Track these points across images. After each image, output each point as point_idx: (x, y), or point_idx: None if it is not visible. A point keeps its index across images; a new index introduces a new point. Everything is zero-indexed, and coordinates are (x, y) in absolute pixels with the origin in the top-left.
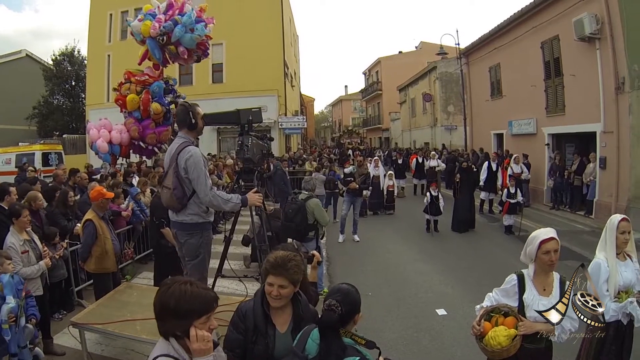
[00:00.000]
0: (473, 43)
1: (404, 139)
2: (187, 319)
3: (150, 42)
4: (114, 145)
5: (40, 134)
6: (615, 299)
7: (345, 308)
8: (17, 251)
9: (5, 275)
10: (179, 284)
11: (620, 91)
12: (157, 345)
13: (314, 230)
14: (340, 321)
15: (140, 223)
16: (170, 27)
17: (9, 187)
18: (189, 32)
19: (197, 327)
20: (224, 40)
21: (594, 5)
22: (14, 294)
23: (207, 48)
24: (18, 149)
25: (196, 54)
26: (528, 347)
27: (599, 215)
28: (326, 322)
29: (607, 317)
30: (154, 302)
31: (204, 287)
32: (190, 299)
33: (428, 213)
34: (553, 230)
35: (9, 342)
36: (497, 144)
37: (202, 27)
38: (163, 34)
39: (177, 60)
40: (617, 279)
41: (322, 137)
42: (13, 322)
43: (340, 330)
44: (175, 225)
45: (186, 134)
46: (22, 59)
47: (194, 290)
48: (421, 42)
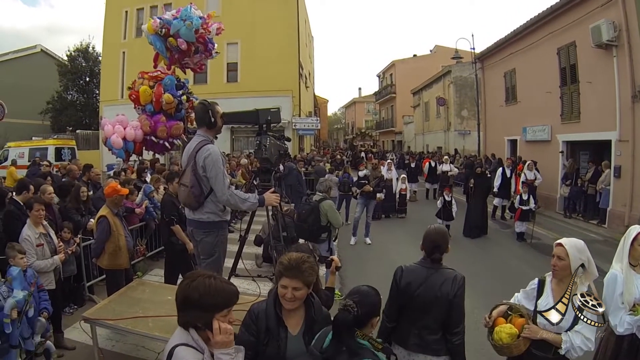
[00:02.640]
0: (488, 48)
1: (417, 143)
2: (210, 312)
3: (154, 38)
4: (128, 142)
5: (54, 129)
6: (630, 312)
7: (362, 310)
8: (32, 244)
9: (16, 269)
10: (204, 278)
11: (636, 99)
12: (174, 334)
13: (326, 231)
14: (355, 322)
15: (153, 220)
16: (169, 20)
17: (29, 184)
18: (186, 26)
19: (219, 319)
20: (239, 40)
21: (612, 12)
22: (23, 287)
23: (207, 41)
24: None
25: (195, 47)
26: (536, 354)
27: (612, 224)
28: (339, 322)
29: (622, 329)
30: (176, 294)
31: (226, 282)
32: (215, 292)
33: (440, 218)
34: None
35: (10, 335)
36: (510, 150)
37: (197, 19)
38: (162, 26)
39: (182, 57)
40: (633, 292)
41: (335, 139)
42: (17, 316)
43: (358, 332)
44: (192, 223)
45: (205, 132)
46: (37, 54)
47: (217, 285)
48: (436, 46)
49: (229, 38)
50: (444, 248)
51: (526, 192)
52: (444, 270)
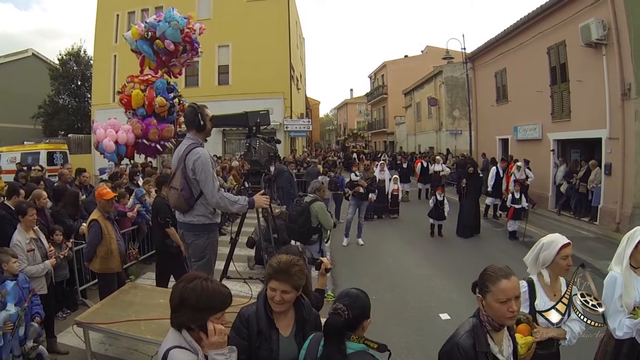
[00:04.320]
0: (479, 48)
1: (409, 143)
2: (205, 313)
3: (140, 42)
4: (120, 146)
5: (46, 133)
6: (629, 315)
7: (353, 313)
8: (23, 249)
9: (10, 283)
10: (200, 280)
11: (626, 97)
12: (167, 337)
13: (317, 233)
14: (346, 326)
15: (146, 223)
16: (153, 24)
17: (19, 188)
18: (172, 26)
19: (213, 321)
20: (230, 42)
21: (601, 11)
22: (17, 302)
23: (193, 40)
24: (23, 148)
25: (182, 46)
26: (540, 353)
27: (603, 221)
28: (331, 326)
29: (621, 333)
30: (172, 295)
31: (221, 285)
32: (212, 295)
33: (432, 217)
34: (563, 236)
35: (2, 348)
36: (502, 149)
37: (182, 18)
38: (147, 30)
39: (170, 58)
40: (633, 294)
41: (327, 140)
42: (10, 329)
43: (353, 336)
44: (182, 226)
45: (194, 135)
46: (29, 58)
47: (214, 287)
48: (427, 46)
49: (220, 40)
50: None
51: (518, 191)
52: None
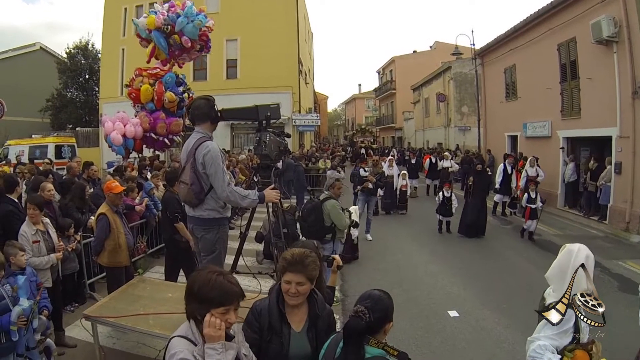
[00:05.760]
0: (488, 44)
1: (417, 139)
2: (205, 305)
3: (156, 33)
4: (128, 139)
5: (54, 126)
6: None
7: (375, 315)
8: (28, 240)
9: (22, 277)
10: (208, 272)
11: (637, 96)
12: (181, 326)
13: (331, 232)
14: (367, 329)
15: (154, 217)
16: (173, 17)
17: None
18: (191, 22)
19: (214, 315)
20: (239, 36)
21: (612, 8)
22: (29, 296)
23: (208, 39)
24: (31, 141)
25: (199, 45)
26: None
27: (613, 220)
28: (351, 328)
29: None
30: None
31: (231, 282)
32: (212, 287)
33: (439, 214)
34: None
35: (17, 343)
36: (511, 146)
37: (204, 17)
38: (167, 23)
39: (182, 53)
40: None
41: (335, 135)
42: (23, 324)
43: (372, 340)
44: (192, 220)
45: (204, 129)
46: (36, 51)
47: (218, 281)
48: (436, 42)
49: (228, 34)
50: None
51: (534, 190)
52: None
